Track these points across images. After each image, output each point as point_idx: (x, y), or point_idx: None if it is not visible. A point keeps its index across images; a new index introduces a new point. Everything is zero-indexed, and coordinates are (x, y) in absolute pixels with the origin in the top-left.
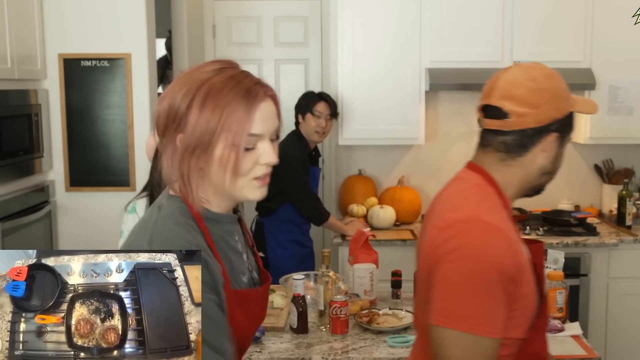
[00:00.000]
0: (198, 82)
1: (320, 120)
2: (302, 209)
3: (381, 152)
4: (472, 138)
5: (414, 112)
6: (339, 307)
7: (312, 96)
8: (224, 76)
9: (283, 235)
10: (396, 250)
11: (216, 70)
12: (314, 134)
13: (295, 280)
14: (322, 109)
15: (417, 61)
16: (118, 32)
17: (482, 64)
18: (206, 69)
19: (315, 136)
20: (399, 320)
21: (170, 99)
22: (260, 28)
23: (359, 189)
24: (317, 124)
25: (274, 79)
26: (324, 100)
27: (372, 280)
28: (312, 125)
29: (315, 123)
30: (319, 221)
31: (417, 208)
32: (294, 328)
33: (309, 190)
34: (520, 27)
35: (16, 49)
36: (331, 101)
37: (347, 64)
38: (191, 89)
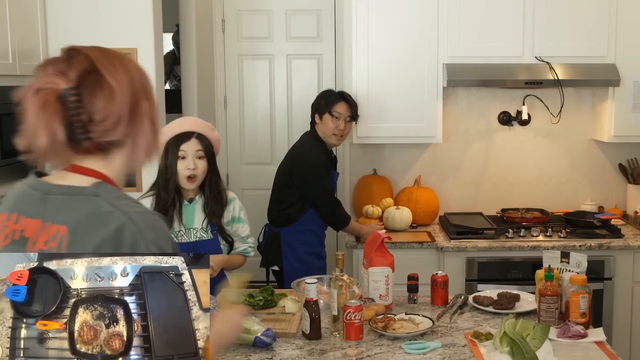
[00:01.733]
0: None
1: (339, 122)
2: (324, 214)
3: (397, 150)
4: (492, 136)
5: (431, 110)
6: (353, 312)
7: (331, 95)
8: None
9: (302, 247)
10: (413, 253)
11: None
12: (331, 137)
13: (308, 285)
14: (342, 110)
15: (434, 56)
16: (123, 26)
17: (502, 60)
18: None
19: (332, 139)
20: (415, 325)
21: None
22: (272, 22)
23: (374, 190)
24: (336, 126)
25: (285, 75)
26: (345, 101)
27: (387, 284)
28: (329, 127)
29: (334, 125)
30: (340, 226)
31: (434, 209)
32: (306, 334)
33: (332, 194)
34: (542, 21)
35: (18, 44)
36: (352, 102)
37: (362, 59)
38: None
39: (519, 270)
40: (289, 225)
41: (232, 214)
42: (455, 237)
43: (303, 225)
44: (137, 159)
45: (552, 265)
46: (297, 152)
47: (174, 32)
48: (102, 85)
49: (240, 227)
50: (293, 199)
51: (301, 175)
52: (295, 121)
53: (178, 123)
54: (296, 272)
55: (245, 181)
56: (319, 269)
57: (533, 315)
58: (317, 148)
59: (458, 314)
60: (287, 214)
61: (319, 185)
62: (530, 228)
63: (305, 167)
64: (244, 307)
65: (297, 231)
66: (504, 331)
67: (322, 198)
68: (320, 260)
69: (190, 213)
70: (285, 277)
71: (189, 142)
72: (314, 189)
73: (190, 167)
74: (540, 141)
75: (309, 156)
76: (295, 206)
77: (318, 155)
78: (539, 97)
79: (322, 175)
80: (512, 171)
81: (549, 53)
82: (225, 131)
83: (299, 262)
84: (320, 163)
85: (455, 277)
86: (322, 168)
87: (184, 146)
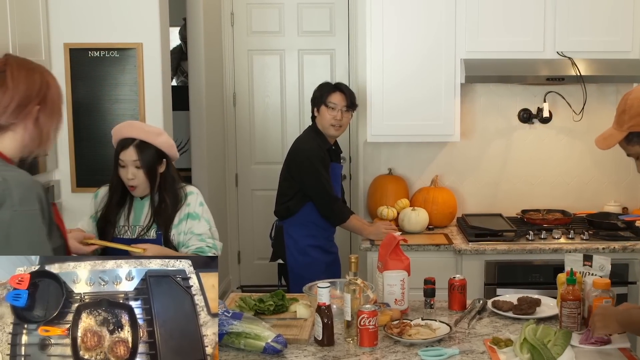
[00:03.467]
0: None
1: (335, 112)
2: (319, 208)
3: (413, 149)
4: (511, 134)
5: (448, 107)
6: (368, 317)
7: (326, 87)
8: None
9: (305, 240)
10: (429, 255)
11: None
12: (329, 128)
13: (320, 289)
14: (337, 100)
15: (451, 51)
16: (128, 20)
17: (522, 55)
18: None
19: (331, 130)
20: (432, 331)
21: None
22: (283, 16)
23: (389, 190)
24: (332, 117)
25: (297, 71)
26: (339, 91)
27: (403, 289)
28: (327, 118)
29: (330, 115)
30: (337, 221)
31: (451, 210)
32: (318, 340)
33: (327, 187)
34: (564, 14)
35: (18, 38)
36: (347, 91)
37: (377, 54)
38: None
39: (539, 274)
40: (289, 217)
41: (187, 210)
42: (473, 240)
43: (303, 217)
44: (25, 147)
45: (574, 268)
46: (295, 145)
47: (181, 26)
48: (3, 83)
49: (195, 224)
50: (292, 191)
51: (296, 167)
52: (307, 119)
53: (121, 128)
54: (299, 265)
55: (255, 181)
56: (326, 263)
57: (554, 321)
58: (314, 141)
59: (476, 319)
60: (287, 206)
61: (311, 178)
62: (551, 230)
63: (299, 160)
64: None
65: (299, 223)
66: (524, 337)
67: (315, 191)
68: (328, 255)
69: (138, 209)
70: (288, 269)
71: (127, 151)
72: (307, 181)
73: (128, 177)
74: (562, 139)
75: (303, 148)
76: (294, 199)
77: (312, 147)
78: (561, 94)
79: (315, 168)
80: (532, 171)
81: (571, 48)
82: (235, 129)
83: (301, 254)
84: (314, 155)
85: (474, 281)
86: (316, 160)
87: (122, 155)
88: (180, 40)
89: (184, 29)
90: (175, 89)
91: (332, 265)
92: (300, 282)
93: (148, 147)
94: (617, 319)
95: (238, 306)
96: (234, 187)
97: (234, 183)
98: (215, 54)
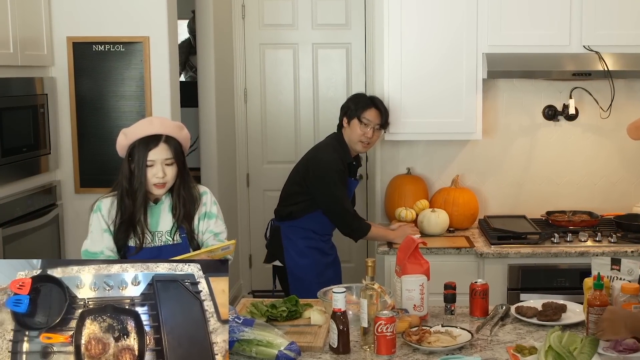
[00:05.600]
0: None
1: (367, 129)
2: (338, 226)
3: (433, 148)
4: (535, 132)
5: (469, 103)
6: (385, 324)
7: (362, 100)
8: None
9: (303, 242)
10: (450, 259)
11: None
12: (357, 143)
13: (336, 294)
14: (372, 117)
15: (473, 45)
16: (135, 13)
17: (547, 49)
18: None
19: (358, 145)
20: (452, 339)
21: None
22: (296, 8)
23: (408, 191)
24: (363, 133)
25: (311, 66)
26: (376, 108)
27: (422, 294)
28: (357, 133)
29: (362, 132)
30: (359, 236)
31: (473, 212)
32: (333, 348)
33: (347, 205)
34: (590, 6)
35: (19, 32)
36: (383, 109)
37: (395, 48)
38: None
39: (565, 279)
40: (290, 220)
41: (203, 209)
42: (496, 243)
43: (304, 223)
44: None
45: (601, 272)
46: (315, 153)
47: (190, 19)
48: None
49: (212, 223)
50: (300, 198)
51: (314, 178)
52: (321, 116)
53: (144, 125)
54: (298, 268)
55: (267, 181)
56: (326, 264)
57: (581, 328)
58: (337, 151)
59: (499, 326)
60: (290, 210)
61: (327, 192)
62: (577, 232)
63: (319, 173)
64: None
65: (298, 227)
66: (549, 345)
67: (331, 207)
68: (327, 256)
69: (156, 215)
70: (289, 273)
71: (157, 149)
72: (322, 196)
73: (158, 175)
74: (589, 138)
75: (327, 160)
76: (300, 205)
77: (335, 160)
78: (588, 90)
79: (335, 183)
80: (558, 170)
81: (599, 42)
82: (246, 127)
83: (300, 256)
84: (336, 170)
85: (496, 285)
86: (337, 175)
87: (151, 154)
88: (188, 34)
89: (192, 21)
90: (183, 85)
91: (331, 265)
92: (300, 285)
93: (175, 142)
94: (625, 323)
95: (249, 312)
96: (245, 188)
97: (245, 183)
98: (225, 48)
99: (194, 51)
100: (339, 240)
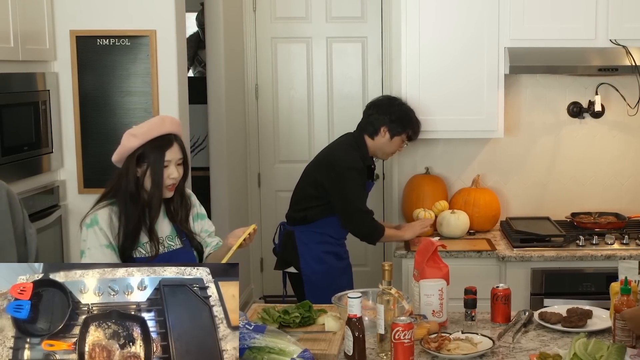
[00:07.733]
0: None
1: (404, 146)
2: (354, 230)
3: (452, 146)
4: (560, 130)
5: (491, 100)
6: (403, 330)
7: (416, 122)
8: None
9: (319, 246)
10: (470, 263)
11: None
12: (384, 154)
13: (351, 299)
14: (411, 140)
15: (495, 39)
16: (141, 5)
17: (571, 43)
18: None
19: (384, 155)
20: (473, 346)
21: None
22: (310, 0)
23: (426, 191)
24: (400, 149)
25: (325, 60)
26: (419, 131)
27: (441, 299)
28: (394, 148)
29: (399, 149)
30: (374, 240)
31: (494, 213)
32: (349, 355)
33: (365, 208)
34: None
35: (20, 25)
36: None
37: (412, 42)
38: None
39: (591, 283)
40: (304, 224)
41: (194, 211)
42: (518, 245)
43: (319, 227)
44: None
45: (629, 277)
46: (332, 151)
47: (198, 11)
48: None
49: (205, 222)
50: (316, 201)
51: (333, 176)
52: (336, 113)
53: (157, 124)
54: (315, 274)
55: (279, 182)
56: (340, 269)
57: (607, 334)
58: (356, 152)
59: (522, 332)
60: (304, 214)
61: (348, 195)
62: (604, 235)
63: (339, 170)
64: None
65: (312, 231)
66: (574, 352)
67: (351, 211)
68: (341, 261)
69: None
70: (304, 279)
71: (172, 149)
72: (341, 198)
73: (173, 176)
74: (616, 136)
75: (347, 159)
76: (316, 209)
77: (355, 158)
78: (614, 86)
79: (357, 181)
80: (583, 170)
81: (626, 35)
82: (257, 124)
83: (317, 262)
84: (356, 168)
85: (519, 290)
86: (358, 174)
87: (169, 154)
88: (197, 27)
89: (201, 14)
90: (192, 80)
91: (345, 271)
92: (316, 291)
93: (181, 140)
94: None
95: (261, 318)
96: (256, 188)
97: (256, 183)
98: (235, 42)
99: (202, 45)
100: (353, 244)
